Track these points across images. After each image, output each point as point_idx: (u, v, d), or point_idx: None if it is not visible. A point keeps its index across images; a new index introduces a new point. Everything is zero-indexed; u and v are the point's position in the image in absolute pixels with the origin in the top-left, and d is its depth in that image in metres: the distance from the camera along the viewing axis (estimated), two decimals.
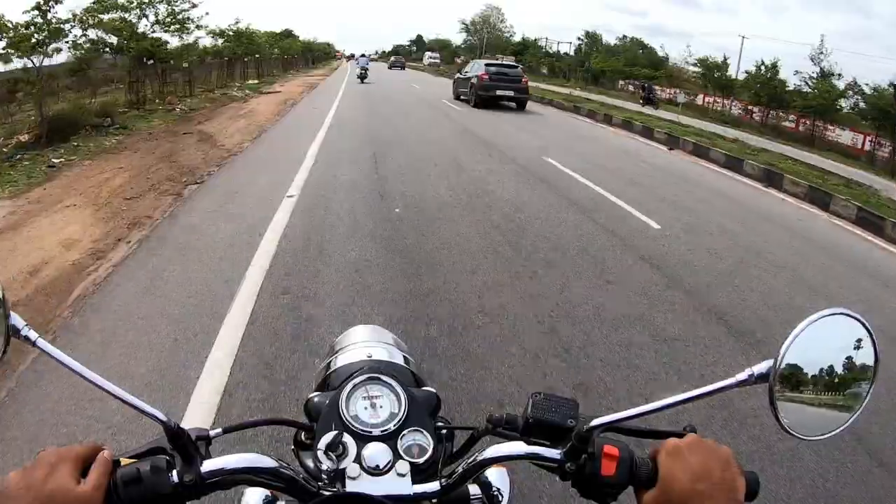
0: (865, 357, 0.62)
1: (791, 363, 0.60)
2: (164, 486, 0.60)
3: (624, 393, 2.85)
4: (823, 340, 0.60)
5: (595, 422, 0.65)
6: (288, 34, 46.48)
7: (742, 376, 0.61)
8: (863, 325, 0.61)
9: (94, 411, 2.39)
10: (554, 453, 0.67)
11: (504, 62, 21.90)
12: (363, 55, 29.48)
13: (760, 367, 0.61)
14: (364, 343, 0.95)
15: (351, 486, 0.67)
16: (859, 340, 0.62)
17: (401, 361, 0.91)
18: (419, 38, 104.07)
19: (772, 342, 3.47)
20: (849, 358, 0.62)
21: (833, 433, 0.63)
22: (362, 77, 22.59)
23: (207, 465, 0.63)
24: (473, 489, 0.76)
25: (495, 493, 0.76)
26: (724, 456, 0.62)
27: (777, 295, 4.55)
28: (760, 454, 2.50)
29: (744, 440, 2.58)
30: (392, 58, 51.26)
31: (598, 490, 0.66)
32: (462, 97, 18.51)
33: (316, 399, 0.76)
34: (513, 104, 17.09)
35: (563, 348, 3.25)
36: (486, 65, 17.99)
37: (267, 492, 0.74)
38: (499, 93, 16.57)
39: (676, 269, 4.83)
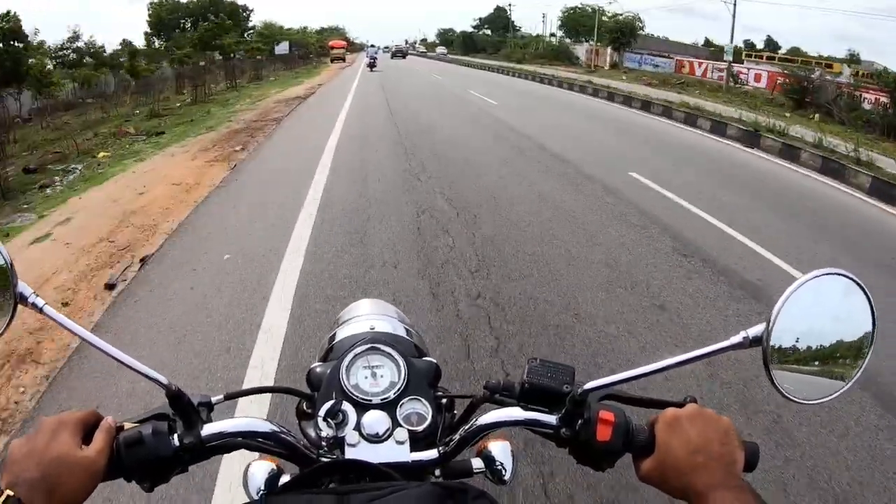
0: (862, 320, 0.61)
1: (786, 326, 0.59)
2: (165, 449, 0.61)
3: None
4: (818, 302, 0.59)
5: (589, 385, 0.65)
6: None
7: (737, 339, 0.60)
8: (859, 286, 0.60)
9: None
10: (550, 419, 0.67)
11: (401, 45, 73.60)
12: (372, 46, 42.98)
13: (755, 329, 0.60)
14: (367, 316, 0.96)
15: (350, 453, 0.68)
16: (855, 302, 0.61)
17: (403, 333, 0.91)
18: (499, 8, 68.71)
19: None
20: (845, 321, 0.61)
21: (830, 397, 0.63)
22: (371, 66, 29.29)
23: (208, 429, 0.65)
24: (477, 463, 0.76)
25: (499, 466, 0.76)
26: (724, 427, 0.61)
27: None
28: None
29: None
30: (393, 48, 63.68)
31: (593, 456, 0.66)
32: (390, 56, 51.92)
33: (318, 369, 0.78)
34: (403, 59, 51.11)
35: None
36: (395, 45, 71.10)
37: (273, 465, 0.75)
38: (397, 54, 54.74)
39: None
